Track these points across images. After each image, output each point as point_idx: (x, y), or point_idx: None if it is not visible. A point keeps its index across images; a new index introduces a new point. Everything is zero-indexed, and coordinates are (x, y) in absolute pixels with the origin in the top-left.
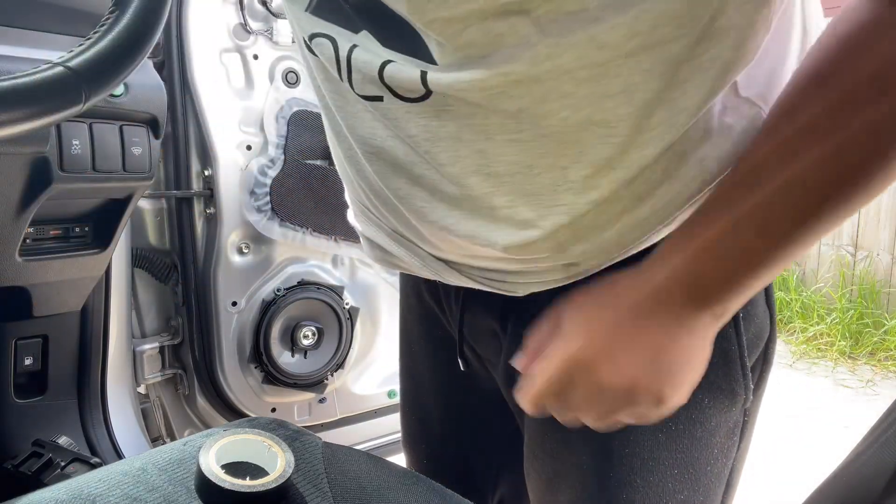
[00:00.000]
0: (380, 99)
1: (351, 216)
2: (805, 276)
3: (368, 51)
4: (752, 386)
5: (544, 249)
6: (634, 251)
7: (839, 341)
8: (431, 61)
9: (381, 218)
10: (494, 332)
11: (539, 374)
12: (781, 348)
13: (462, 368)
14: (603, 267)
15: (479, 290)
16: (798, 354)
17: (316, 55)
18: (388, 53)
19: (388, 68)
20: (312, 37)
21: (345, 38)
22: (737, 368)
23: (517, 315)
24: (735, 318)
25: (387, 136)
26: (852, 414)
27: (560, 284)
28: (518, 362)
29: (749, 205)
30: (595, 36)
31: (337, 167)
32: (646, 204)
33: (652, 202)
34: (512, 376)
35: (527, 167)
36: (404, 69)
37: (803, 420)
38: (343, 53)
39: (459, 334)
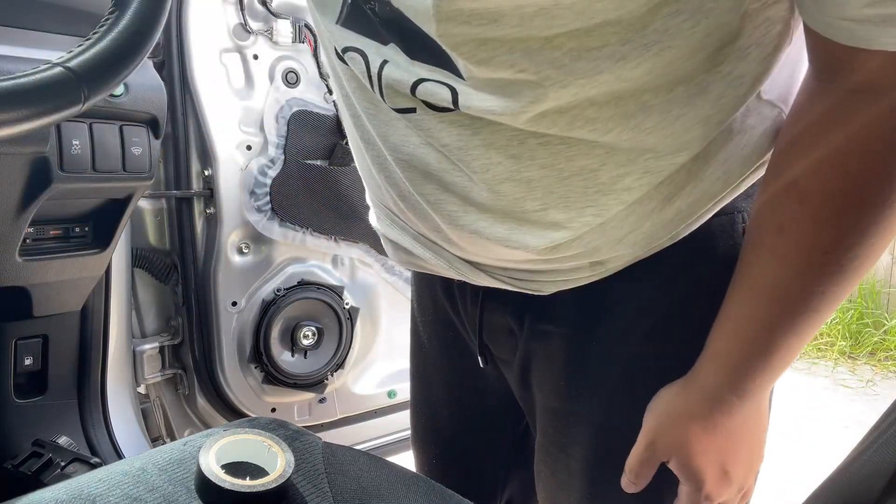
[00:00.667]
0: (412, 111)
1: (373, 219)
2: None
3: (399, 67)
4: None
5: (574, 249)
6: (658, 249)
7: (839, 341)
8: (460, 76)
9: (407, 222)
10: (511, 331)
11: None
12: None
13: (482, 365)
14: (628, 265)
15: (498, 289)
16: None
17: (348, 66)
18: (416, 66)
19: (420, 87)
20: (345, 50)
21: (374, 51)
22: None
23: (536, 312)
24: None
25: (419, 144)
26: (852, 414)
27: (586, 282)
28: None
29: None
30: (621, 75)
31: (361, 172)
32: (673, 205)
33: (678, 203)
34: (526, 374)
35: (557, 171)
36: (437, 90)
37: (803, 420)
38: (374, 69)
39: (479, 332)
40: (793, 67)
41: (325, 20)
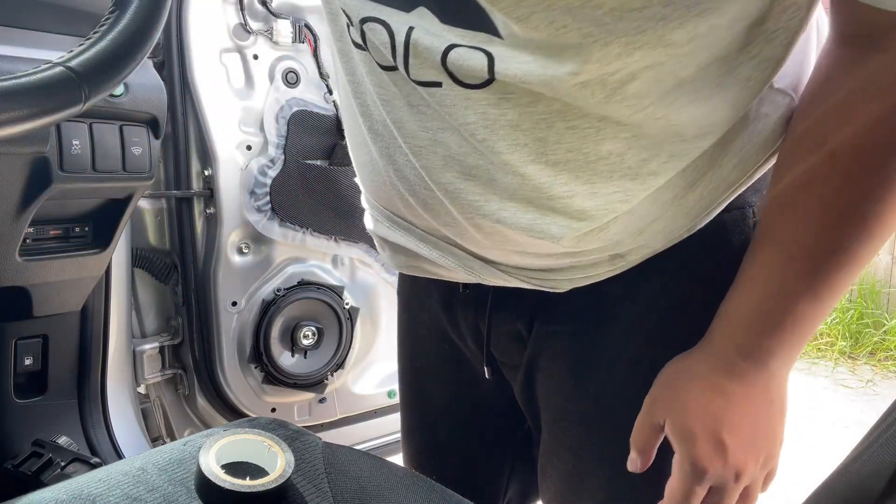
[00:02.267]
0: (438, 85)
1: (369, 222)
2: None
3: (429, 33)
4: None
5: (596, 242)
6: (675, 241)
7: (839, 341)
8: (497, 34)
9: (414, 220)
10: (518, 335)
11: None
12: None
13: (487, 376)
14: (646, 259)
15: (506, 295)
16: None
17: (363, 47)
18: (448, 31)
19: (451, 54)
20: (364, 21)
21: (398, 19)
22: None
23: (547, 313)
24: None
25: (439, 128)
26: (852, 414)
27: (604, 278)
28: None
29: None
30: (663, 36)
31: (361, 170)
32: (694, 191)
33: (699, 189)
34: (532, 376)
35: (583, 154)
36: (470, 56)
37: (803, 420)
38: (400, 38)
39: (487, 342)
40: (801, 57)
41: None
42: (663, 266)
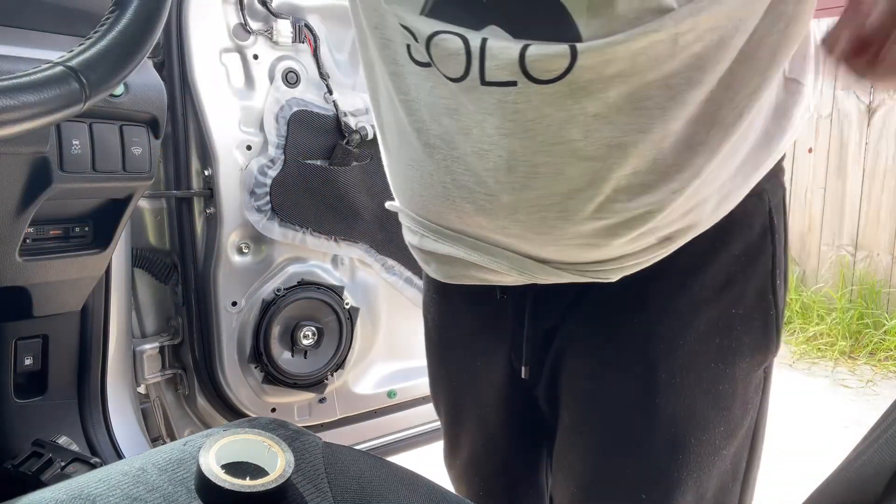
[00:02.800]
0: (513, 84)
1: (414, 239)
2: (805, 276)
3: (502, 39)
4: (780, 344)
5: (652, 222)
6: (714, 222)
7: (839, 341)
8: (576, 39)
9: (467, 227)
10: (553, 329)
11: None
12: (781, 348)
13: (524, 376)
14: (688, 240)
15: (547, 294)
16: (798, 354)
17: (426, 64)
18: (523, 42)
19: (529, 50)
20: (434, 35)
21: (470, 35)
22: (774, 330)
23: (581, 304)
24: (774, 286)
25: (507, 131)
26: (852, 414)
27: (650, 264)
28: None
29: None
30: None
31: (410, 187)
32: (729, 170)
33: (732, 167)
34: (559, 365)
35: (652, 132)
36: (548, 47)
37: (803, 420)
38: (475, 43)
39: (526, 341)
40: (804, 47)
41: (403, 11)
42: (692, 249)
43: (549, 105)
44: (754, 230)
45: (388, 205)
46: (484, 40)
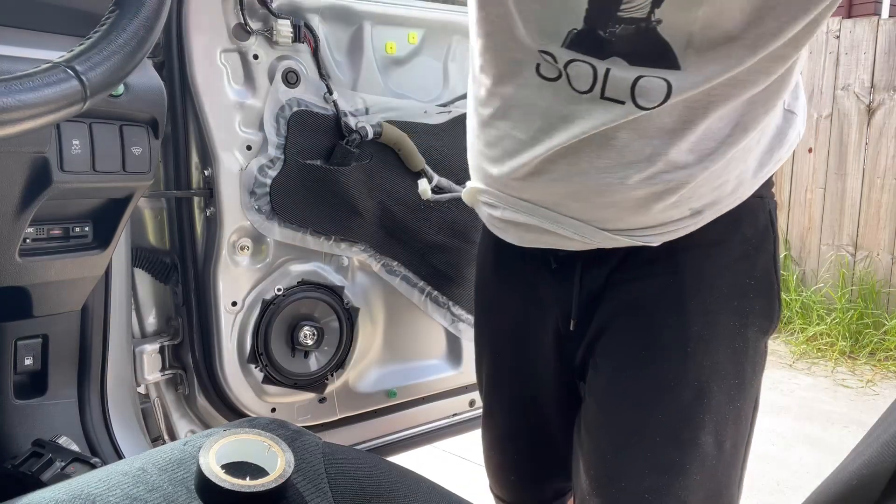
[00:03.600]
0: (621, 103)
1: (494, 211)
2: (805, 276)
3: (622, 69)
4: (779, 320)
5: (685, 189)
6: (735, 204)
7: (839, 341)
8: (675, 67)
9: (543, 197)
10: (599, 291)
11: None
12: (781, 349)
13: (571, 328)
14: (712, 218)
15: (598, 258)
16: (798, 354)
17: (554, 79)
18: (637, 71)
19: (640, 83)
20: (569, 62)
21: (597, 63)
22: (776, 301)
23: (625, 267)
24: (776, 268)
25: (616, 127)
26: (852, 414)
27: (686, 232)
28: None
29: None
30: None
31: (497, 168)
32: (759, 145)
33: (751, 157)
34: (602, 324)
35: (726, 134)
36: (653, 83)
37: (803, 420)
38: (601, 72)
39: (578, 296)
40: (795, 92)
41: (546, 42)
42: (714, 229)
43: (662, 116)
44: (760, 221)
45: (468, 185)
46: (608, 71)
